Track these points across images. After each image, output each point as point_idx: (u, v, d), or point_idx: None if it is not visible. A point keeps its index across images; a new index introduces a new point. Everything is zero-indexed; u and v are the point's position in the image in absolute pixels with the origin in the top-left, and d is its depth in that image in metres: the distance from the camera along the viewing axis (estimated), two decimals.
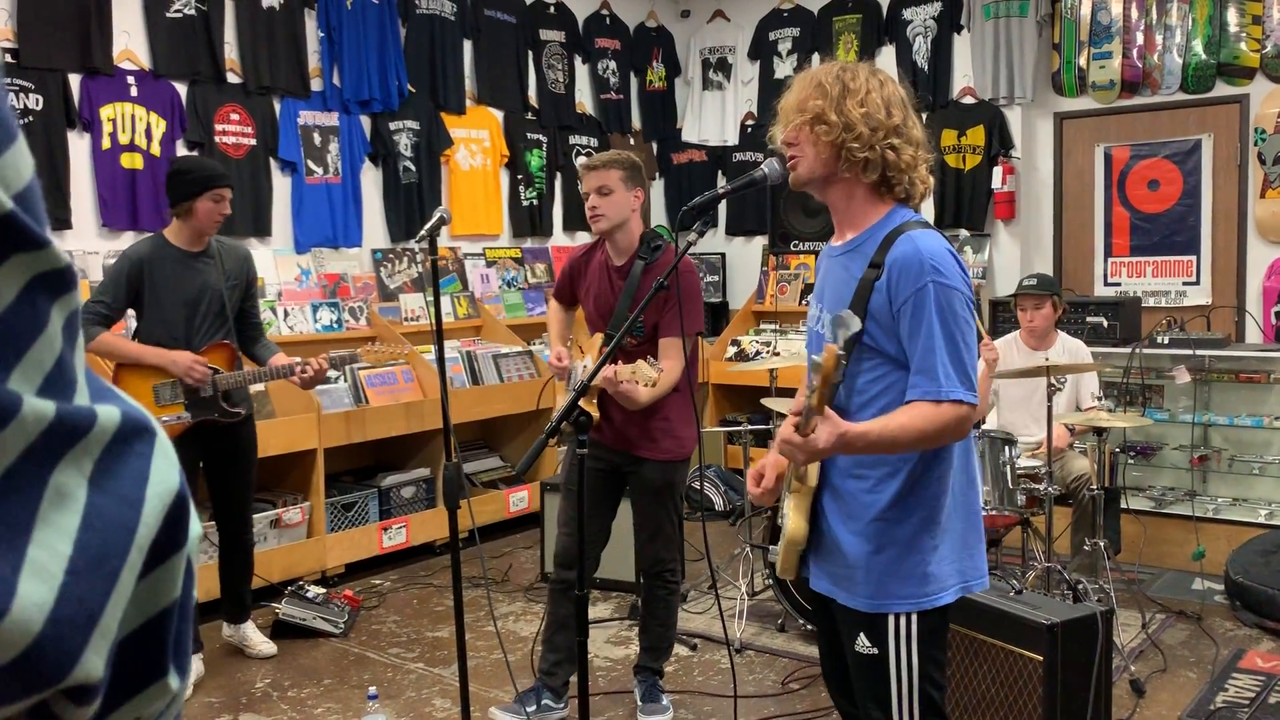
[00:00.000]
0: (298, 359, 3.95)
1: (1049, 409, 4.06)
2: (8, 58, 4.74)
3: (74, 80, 4.94)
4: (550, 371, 3.59)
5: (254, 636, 4.26)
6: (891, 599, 2.11)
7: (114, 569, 0.47)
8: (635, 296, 3.36)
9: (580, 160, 3.51)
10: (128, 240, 5.13)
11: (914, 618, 2.11)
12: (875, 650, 2.13)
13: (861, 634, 2.14)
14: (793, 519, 2.19)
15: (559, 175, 7.19)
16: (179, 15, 5.27)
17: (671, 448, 3.47)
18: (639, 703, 3.66)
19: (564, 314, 3.72)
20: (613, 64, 7.56)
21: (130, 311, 3.99)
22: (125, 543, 0.48)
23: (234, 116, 5.50)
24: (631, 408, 3.28)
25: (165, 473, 0.50)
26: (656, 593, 3.64)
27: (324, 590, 4.59)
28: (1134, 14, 6.17)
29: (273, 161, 5.69)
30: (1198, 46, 6.00)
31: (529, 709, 3.54)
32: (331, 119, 5.92)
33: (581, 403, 3.37)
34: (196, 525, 0.54)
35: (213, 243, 3.93)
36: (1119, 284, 6.40)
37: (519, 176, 6.89)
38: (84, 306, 3.94)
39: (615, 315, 3.40)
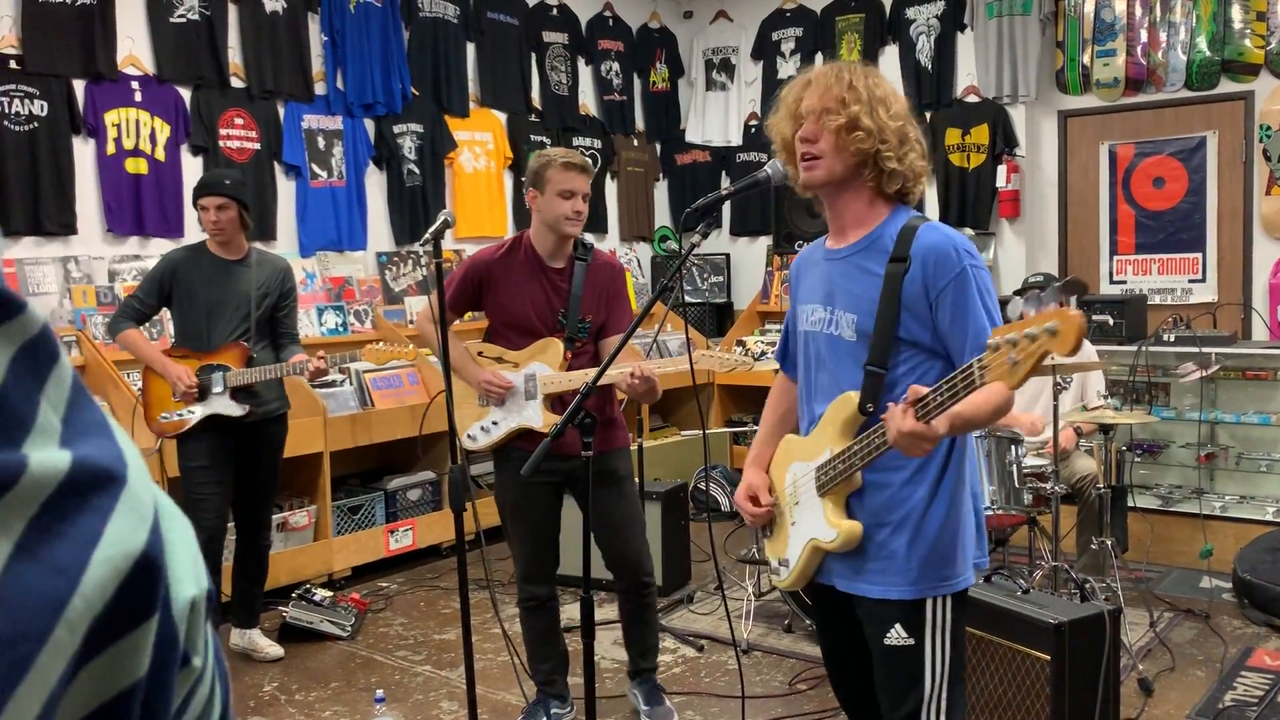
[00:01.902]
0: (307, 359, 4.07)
1: (1055, 408, 4.05)
2: (12, 64, 4.76)
3: (78, 86, 4.96)
4: (482, 394, 3.38)
5: (261, 641, 4.28)
6: (932, 583, 2.14)
7: (25, 653, 0.39)
8: (583, 296, 3.34)
9: (563, 160, 3.31)
10: (133, 245, 5.15)
11: (949, 601, 2.16)
12: (911, 640, 2.15)
13: (897, 625, 2.15)
14: (841, 522, 2.17)
15: None
16: (182, 20, 5.28)
17: (620, 437, 3.44)
18: (644, 708, 3.62)
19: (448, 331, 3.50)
20: (616, 65, 7.56)
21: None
22: (47, 621, 0.40)
23: (238, 121, 5.51)
24: (651, 401, 3.26)
25: (126, 532, 0.43)
26: (642, 600, 3.55)
27: (331, 593, 4.60)
28: (1138, 11, 6.16)
29: (277, 165, 5.70)
30: (1202, 43, 5.98)
31: None
32: (335, 123, 5.93)
33: (542, 413, 3.35)
34: (188, 587, 0.46)
35: (253, 253, 4.11)
36: (1124, 282, 6.39)
37: (523, 178, 6.89)
38: (123, 302, 4.04)
39: (570, 320, 3.35)
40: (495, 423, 3.42)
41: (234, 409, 3.99)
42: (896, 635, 2.15)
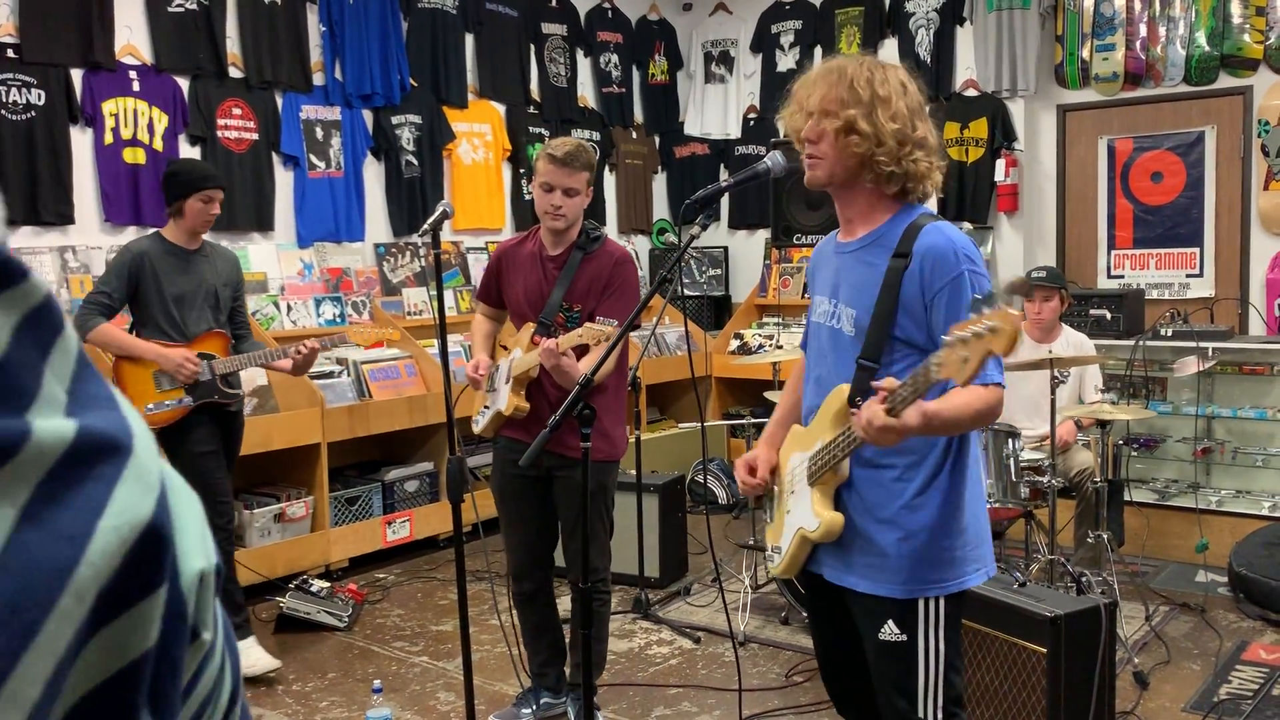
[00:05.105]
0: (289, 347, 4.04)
1: (1053, 402, 4.06)
2: (10, 53, 4.74)
3: (76, 75, 4.94)
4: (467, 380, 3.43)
5: (253, 653, 3.99)
6: (924, 584, 2.14)
7: (30, 620, 0.39)
8: (572, 285, 3.27)
9: (548, 151, 3.27)
10: (131, 235, 5.14)
11: (942, 602, 2.16)
12: (904, 637, 2.15)
13: (890, 621, 2.16)
14: (824, 512, 2.19)
15: (594, 168, 7.17)
16: (180, 10, 5.26)
17: (603, 448, 3.25)
18: None
19: (490, 325, 3.54)
20: (615, 57, 7.55)
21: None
22: (52, 588, 0.40)
23: (236, 111, 5.50)
24: (569, 385, 3.04)
25: (132, 502, 0.42)
26: (586, 603, 3.46)
27: (328, 584, 4.60)
28: (1137, 6, 6.16)
29: (275, 156, 5.69)
30: (1201, 38, 5.98)
31: (525, 711, 3.53)
32: (334, 113, 5.92)
33: (509, 396, 3.31)
34: (197, 560, 0.47)
35: (206, 243, 4.05)
36: (1122, 276, 6.39)
37: (521, 170, 6.89)
38: (87, 298, 3.93)
39: (548, 305, 3.29)
40: (486, 407, 3.46)
41: (227, 396, 3.98)
42: (889, 631, 2.16)
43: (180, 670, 0.46)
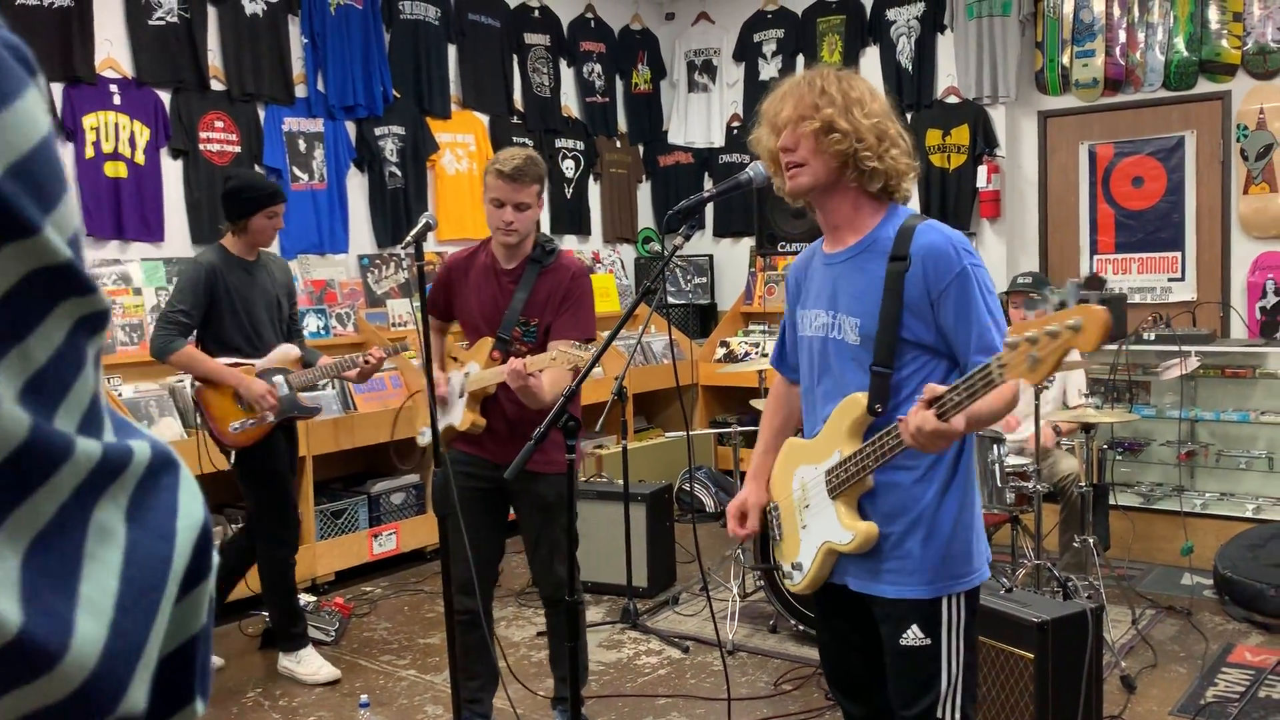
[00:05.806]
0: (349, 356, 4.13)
1: (1036, 407, 4.07)
2: None
3: (56, 89, 4.92)
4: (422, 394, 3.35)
5: (313, 661, 4.08)
6: (949, 580, 2.16)
7: (154, 601, 0.49)
8: (530, 299, 3.21)
9: (496, 166, 3.21)
10: (113, 250, 5.11)
11: (962, 599, 2.18)
12: (928, 640, 2.15)
13: (914, 626, 2.16)
14: (857, 524, 2.17)
15: (545, 179, 7.18)
16: (161, 23, 5.25)
17: (562, 460, 3.10)
18: None
19: (438, 338, 3.43)
20: (598, 67, 7.56)
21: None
22: (163, 575, 0.49)
23: (218, 124, 5.49)
24: (534, 406, 3.04)
25: (191, 505, 0.52)
26: (560, 618, 3.35)
27: (315, 598, 4.58)
28: (1116, 12, 6.20)
29: (257, 168, 5.67)
30: (1180, 44, 6.03)
31: None
32: (316, 125, 5.90)
33: (464, 410, 3.25)
34: (216, 555, 0.55)
35: (261, 253, 4.01)
36: (1104, 281, 6.42)
37: None
38: (164, 317, 3.79)
39: (505, 319, 3.22)
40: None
41: (308, 409, 4.01)
42: (913, 635, 2.16)
43: (210, 646, 0.56)
